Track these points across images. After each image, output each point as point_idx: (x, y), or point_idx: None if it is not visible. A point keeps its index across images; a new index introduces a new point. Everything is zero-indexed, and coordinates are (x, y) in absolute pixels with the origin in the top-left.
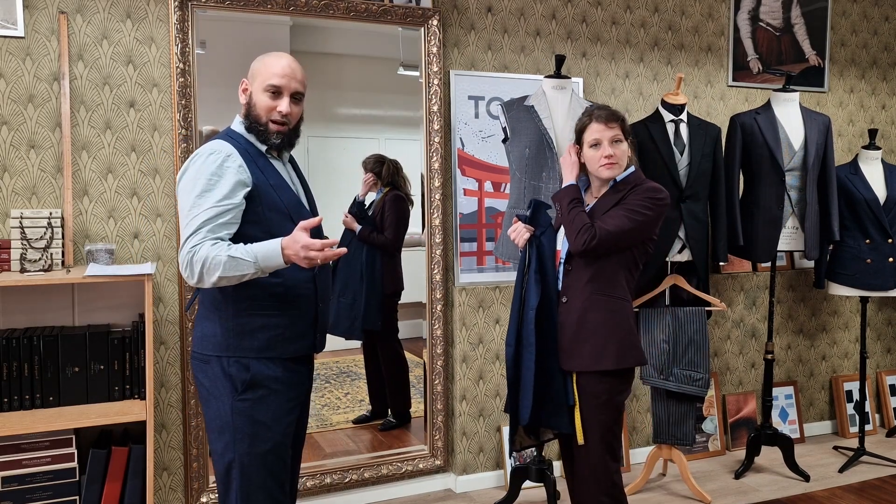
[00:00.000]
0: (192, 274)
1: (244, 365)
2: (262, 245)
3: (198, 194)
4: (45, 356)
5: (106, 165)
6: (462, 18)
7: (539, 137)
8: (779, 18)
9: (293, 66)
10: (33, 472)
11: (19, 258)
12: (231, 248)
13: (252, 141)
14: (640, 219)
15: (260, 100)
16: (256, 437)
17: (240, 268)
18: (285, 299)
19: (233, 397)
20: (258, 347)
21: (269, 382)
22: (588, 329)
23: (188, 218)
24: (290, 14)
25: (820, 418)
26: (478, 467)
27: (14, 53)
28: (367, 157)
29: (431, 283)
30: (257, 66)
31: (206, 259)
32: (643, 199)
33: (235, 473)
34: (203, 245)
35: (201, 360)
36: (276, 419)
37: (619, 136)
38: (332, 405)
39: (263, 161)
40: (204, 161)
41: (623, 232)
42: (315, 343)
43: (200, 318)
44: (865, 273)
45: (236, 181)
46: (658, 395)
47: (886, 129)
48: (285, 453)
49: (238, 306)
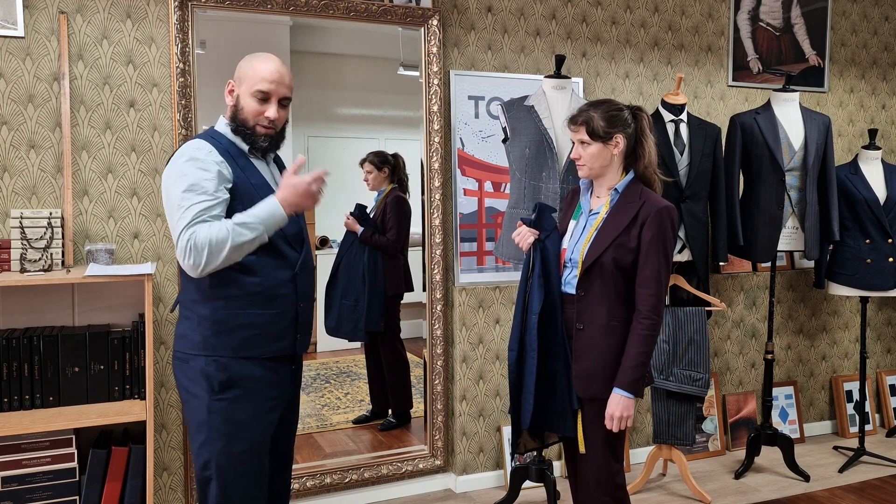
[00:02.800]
0: (197, 258)
1: (222, 364)
2: (257, 206)
3: (186, 189)
4: (45, 356)
5: (106, 165)
6: (462, 18)
7: (539, 137)
8: (779, 18)
9: (281, 71)
10: (33, 472)
11: (19, 258)
12: (231, 219)
13: (234, 141)
14: (670, 253)
15: (247, 104)
16: (233, 437)
17: (247, 232)
18: (263, 298)
19: (210, 397)
20: (235, 346)
21: (247, 382)
22: (605, 359)
23: (180, 211)
24: (290, 14)
25: (820, 418)
26: (478, 467)
27: (14, 53)
28: (368, 153)
29: (431, 283)
30: (244, 69)
31: (210, 238)
32: (665, 233)
33: (212, 473)
34: (200, 228)
35: (181, 360)
36: (253, 419)
37: (584, 139)
38: (332, 405)
39: (244, 160)
40: (188, 158)
41: (666, 276)
42: (296, 343)
43: (181, 318)
44: (865, 273)
45: (221, 177)
46: (658, 395)
47: (886, 129)
48: (264, 454)
49: (215, 305)
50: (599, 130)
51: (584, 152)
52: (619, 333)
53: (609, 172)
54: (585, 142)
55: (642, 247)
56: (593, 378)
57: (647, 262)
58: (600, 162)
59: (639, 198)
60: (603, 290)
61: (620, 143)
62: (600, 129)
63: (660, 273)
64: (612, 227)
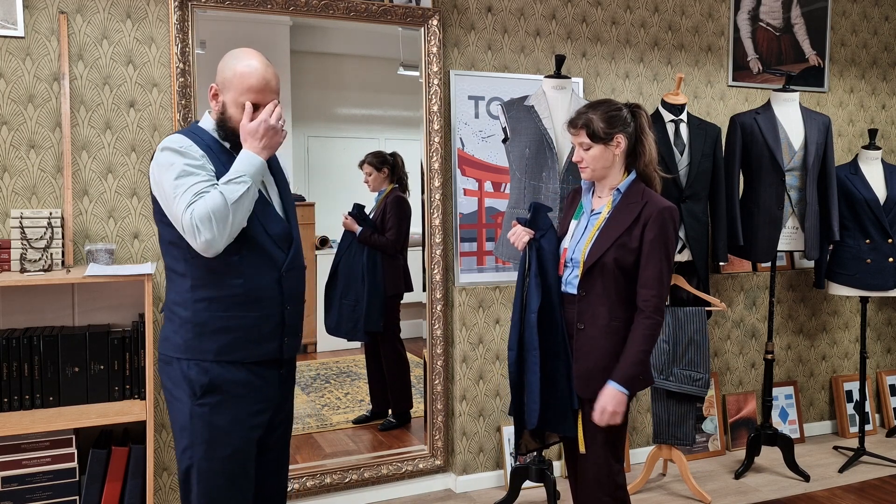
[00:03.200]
0: (207, 232)
1: (203, 368)
2: (235, 161)
3: (177, 176)
4: (45, 356)
5: (106, 165)
6: (462, 18)
7: (539, 137)
8: (779, 18)
9: (267, 76)
10: (33, 472)
11: (19, 258)
12: (217, 183)
13: (217, 138)
14: (672, 253)
15: (235, 114)
16: (215, 442)
17: (238, 186)
18: (247, 301)
19: (192, 401)
20: (217, 350)
21: (230, 387)
22: (607, 359)
23: (176, 198)
24: (290, 14)
25: (820, 418)
26: (478, 467)
27: (14, 53)
28: (367, 155)
29: (431, 283)
30: (228, 76)
31: (208, 209)
32: (667, 233)
33: (194, 479)
34: (196, 205)
35: (164, 362)
36: (235, 425)
37: (585, 144)
38: (332, 405)
39: (227, 157)
40: (171, 150)
41: (668, 276)
42: (283, 347)
43: (165, 320)
44: (865, 273)
45: (206, 161)
46: (658, 395)
47: (886, 129)
48: (247, 459)
49: (197, 307)
50: (600, 132)
51: (586, 155)
52: (620, 333)
53: (611, 173)
54: (586, 145)
55: (644, 247)
56: (594, 378)
57: (649, 262)
58: (602, 164)
59: (641, 198)
60: (604, 290)
61: (622, 143)
62: (601, 131)
63: (661, 273)
64: (614, 228)
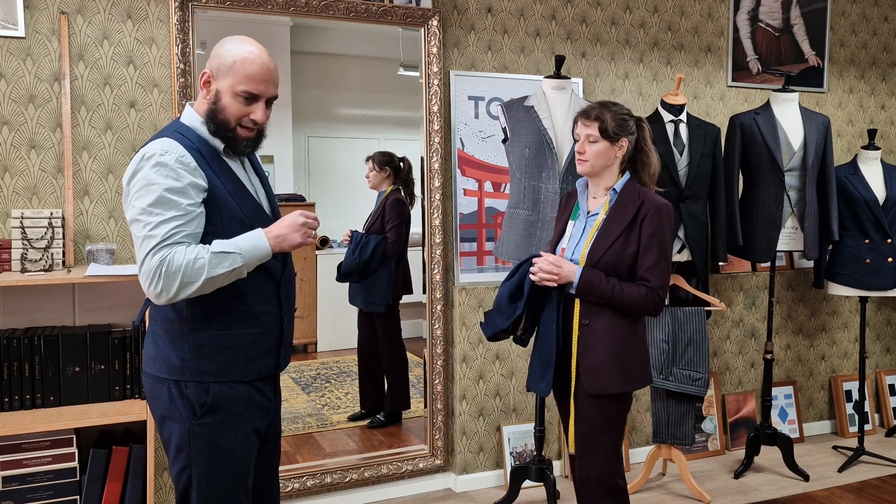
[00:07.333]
0: (167, 286)
1: (204, 387)
2: (242, 236)
3: (152, 202)
4: (46, 356)
5: (106, 165)
6: (462, 19)
7: (539, 138)
8: (778, 19)
9: (270, 67)
10: (34, 472)
11: (20, 258)
12: (209, 245)
13: (206, 138)
14: (669, 248)
15: (230, 104)
16: (216, 461)
17: (226, 263)
18: (247, 316)
19: (191, 421)
20: (217, 370)
21: (232, 405)
22: (611, 354)
23: (146, 228)
24: (290, 14)
25: (819, 418)
26: (478, 467)
27: (15, 54)
28: (375, 152)
29: (431, 283)
30: (226, 61)
31: (185, 265)
32: (664, 229)
33: (193, 498)
34: (176, 252)
35: (154, 381)
36: (238, 443)
37: (594, 137)
38: (332, 405)
39: (219, 163)
40: (155, 164)
41: (667, 270)
42: (279, 361)
43: (152, 336)
44: (865, 273)
45: (194, 186)
46: (658, 395)
47: (886, 129)
48: (247, 474)
49: (194, 325)
50: (610, 130)
51: (591, 148)
52: (624, 328)
53: (607, 173)
54: (594, 137)
55: (642, 241)
56: (600, 372)
57: (647, 253)
58: (603, 161)
59: (637, 197)
60: None
61: (625, 147)
62: (611, 130)
63: (660, 262)
64: (612, 227)
